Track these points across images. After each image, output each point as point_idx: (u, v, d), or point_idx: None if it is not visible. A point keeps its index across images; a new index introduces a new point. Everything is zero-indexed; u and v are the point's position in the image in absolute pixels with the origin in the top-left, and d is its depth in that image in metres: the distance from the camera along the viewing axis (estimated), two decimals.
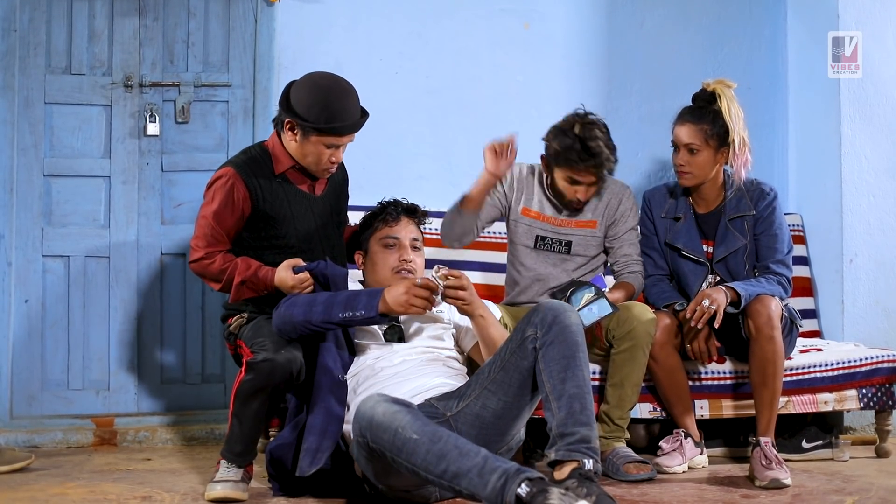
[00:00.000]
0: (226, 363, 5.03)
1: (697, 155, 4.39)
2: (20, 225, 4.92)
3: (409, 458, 3.29)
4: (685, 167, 4.41)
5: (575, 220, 4.52)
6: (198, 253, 4.00)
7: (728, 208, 4.45)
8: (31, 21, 4.92)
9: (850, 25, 5.14)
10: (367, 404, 3.40)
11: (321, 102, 3.94)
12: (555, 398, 3.46)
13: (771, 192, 4.47)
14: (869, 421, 5.01)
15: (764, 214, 4.43)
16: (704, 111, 4.40)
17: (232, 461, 3.84)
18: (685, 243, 4.47)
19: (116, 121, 5.00)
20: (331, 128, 3.95)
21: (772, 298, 4.23)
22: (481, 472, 3.18)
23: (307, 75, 4.05)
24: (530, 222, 4.54)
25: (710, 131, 4.37)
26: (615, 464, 4.17)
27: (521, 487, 3.10)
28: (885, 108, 5.16)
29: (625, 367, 4.25)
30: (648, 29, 5.49)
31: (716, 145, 4.38)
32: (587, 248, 4.55)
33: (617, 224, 4.53)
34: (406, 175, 5.20)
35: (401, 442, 3.29)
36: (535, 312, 3.58)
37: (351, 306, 3.71)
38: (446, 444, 3.26)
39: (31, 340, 4.92)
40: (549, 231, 4.53)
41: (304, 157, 4.04)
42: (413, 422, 3.32)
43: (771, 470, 4.03)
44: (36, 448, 4.71)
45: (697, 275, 4.46)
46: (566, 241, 4.52)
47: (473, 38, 5.30)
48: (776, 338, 4.18)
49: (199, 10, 5.08)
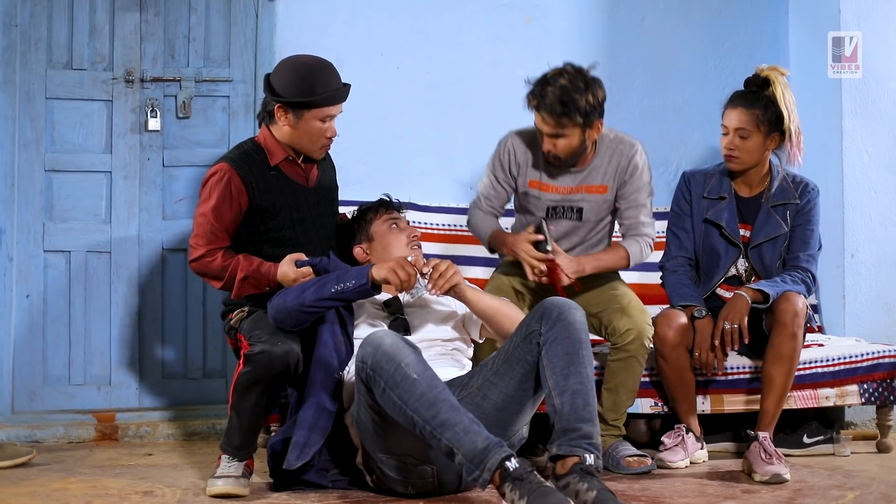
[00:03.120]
0: (227, 358, 5.04)
1: (748, 140, 4.35)
2: (21, 220, 4.92)
3: (403, 396, 3.34)
4: (734, 151, 4.37)
5: (586, 185, 4.38)
6: (198, 251, 4.00)
7: (772, 194, 4.43)
8: (32, 16, 4.92)
9: (850, 25, 5.14)
10: (378, 334, 3.47)
11: (305, 78, 3.99)
12: (557, 394, 3.46)
13: (815, 188, 4.46)
14: (870, 416, 5.00)
15: (806, 208, 4.42)
16: (757, 96, 4.36)
17: (232, 455, 3.84)
18: (727, 222, 4.43)
19: (117, 116, 5.00)
20: (321, 98, 3.99)
21: (798, 296, 4.21)
22: (467, 430, 3.27)
23: (282, 61, 4.11)
24: (539, 194, 4.41)
25: (762, 117, 4.32)
26: (615, 457, 4.18)
27: (511, 461, 3.19)
28: (886, 104, 5.16)
29: (620, 374, 4.25)
30: (649, 24, 5.49)
31: (766, 131, 4.34)
32: (598, 212, 4.42)
33: (626, 184, 4.38)
34: (407, 170, 5.21)
35: (400, 377, 3.35)
36: (539, 308, 3.59)
37: (342, 280, 3.74)
38: (441, 394, 3.34)
39: (32, 336, 4.93)
40: (559, 200, 4.40)
41: (301, 139, 4.06)
42: (416, 363, 3.39)
43: (771, 465, 4.03)
44: (37, 443, 4.71)
45: (730, 256, 4.44)
46: (577, 209, 4.41)
47: (475, 33, 5.30)
48: (799, 336, 4.18)
49: (200, 5, 5.09)
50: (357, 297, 3.79)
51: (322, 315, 3.83)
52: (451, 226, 5.05)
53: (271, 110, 4.06)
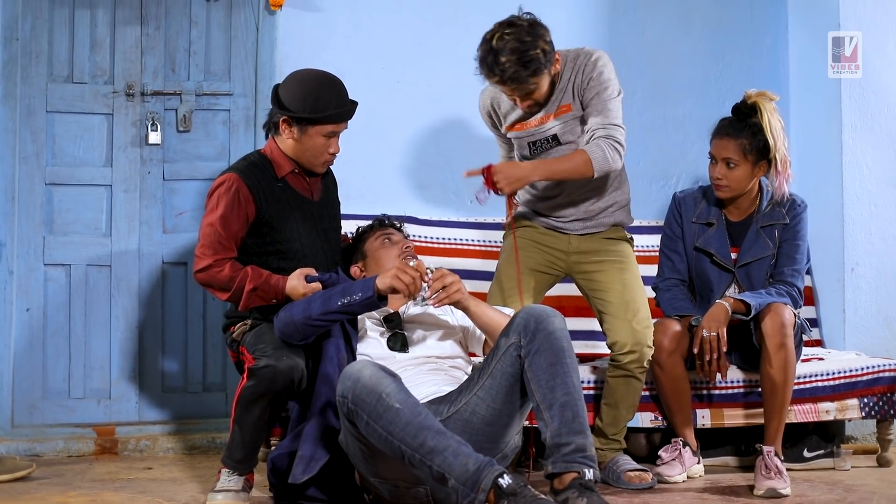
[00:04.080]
0: (227, 372, 5.03)
1: (735, 169, 4.34)
2: (22, 233, 4.92)
3: (388, 427, 3.33)
4: (722, 181, 4.37)
5: (553, 111, 4.25)
6: (205, 261, 3.99)
7: (761, 216, 4.43)
8: (33, 30, 4.93)
9: (850, 25, 5.14)
10: (355, 367, 3.45)
11: (313, 94, 4.00)
12: (546, 407, 3.45)
13: (802, 203, 4.45)
14: (870, 430, 4.99)
15: (792, 223, 4.42)
16: (743, 125, 4.34)
17: (233, 469, 3.84)
18: (717, 249, 4.44)
19: (118, 129, 5.01)
20: (327, 115, 4.00)
21: (785, 307, 4.21)
22: (456, 453, 3.26)
23: (292, 74, 4.11)
24: (517, 134, 4.34)
25: (749, 146, 4.31)
26: (616, 472, 4.18)
27: (504, 479, 3.19)
28: (886, 117, 5.16)
29: (619, 390, 4.25)
30: (650, 37, 5.49)
31: (754, 160, 4.33)
32: (573, 131, 4.27)
33: (585, 91, 4.21)
34: (407, 183, 5.21)
35: (383, 408, 3.34)
36: (517, 319, 3.58)
37: (348, 292, 3.73)
38: (426, 420, 3.33)
39: (32, 349, 4.93)
40: (535, 134, 4.30)
41: (304, 153, 4.07)
42: (397, 391, 3.37)
43: (770, 479, 4.02)
44: (37, 457, 4.71)
45: (723, 281, 4.44)
46: (552, 135, 4.29)
47: (474, 47, 5.25)
48: (788, 346, 4.17)
49: (200, 19, 5.10)
50: (363, 309, 3.78)
51: (328, 329, 3.83)
52: (452, 239, 5.05)
53: (277, 122, 4.07)
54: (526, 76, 4.05)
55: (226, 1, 5.12)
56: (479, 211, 5.10)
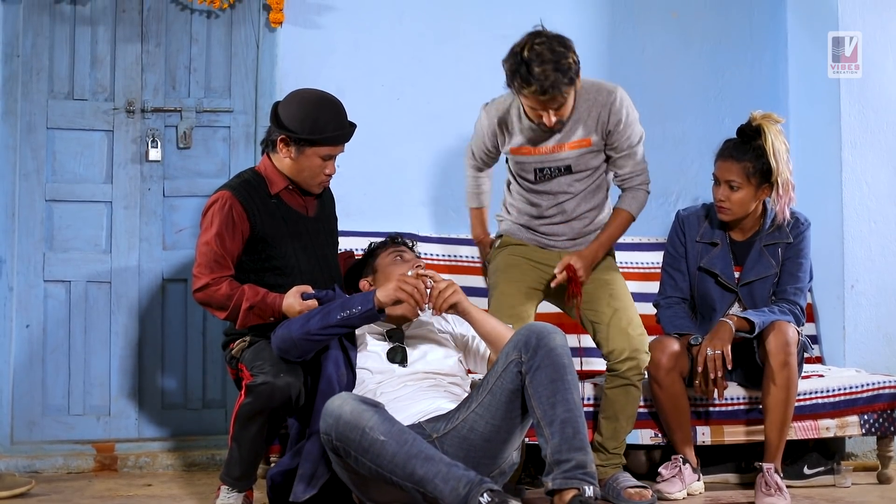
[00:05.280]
0: (227, 388, 5.03)
1: (738, 192, 4.31)
2: (22, 250, 4.93)
3: (375, 460, 3.34)
4: (725, 203, 4.34)
5: (568, 141, 4.28)
6: (202, 280, 3.99)
7: (764, 235, 4.42)
8: (33, 46, 4.94)
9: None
10: (335, 403, 3.45)
11: (312, 115, 4.00)
12: (546, 424, 3.45)
13: (806, 221, 4.43)
14: (871, 447, 4.98)
15: (795, 242, 4.40)
16: (747, 147, 4.31)
17: (231, 486, 3.84)
18: (722, 269, 4.43)
19: (118, 146, 5.01)
20: (325, 138, 4.00)
21: (789, 325, 4.20)
22: (446, 478, 3.28)
23: (292, 93, 4.11)
24: (524, 159, 4.35)
25: (753, 169, 4.28)
26: (616, 489, 4.16)
27: (483, 497, 3.20)
28: (886, 135, 5.16)
29: (618, 401, 4.24)
30: (650, 54, 5.50)
31: (757, 182, 4.30)
32: (587, 163, 4.32)
33: (612, 134, 4.27)
34: (407, 200, 5.21)
35: (368, 443, 3.35)
36: (518, 336, 3.58)
37: (347, 306, 3.74)
38: (412, 448, 3.33)
39: (32, 365, 4.92)
40: (546, 161, 4.31)
41: (300, 173, 4.07)
42: (381, 423, 3.37)
43: (770, 496, 4.02)
44: (36, 473, 4.70)
45: (725, 301, 4.43)
46: (565, 166, 4.32)
47: (475, 64, 5.30)
48: (791, 364, 4.17)
49: (201, 36, 5.11)
50: (362, 322, 3.78)
51: (327, 344, 3.83)
52: (452, 256, 5.05)
53: (274, 140, 4.07)
54: (564, 84, 4.02)
55: (226, 18, 5.13)
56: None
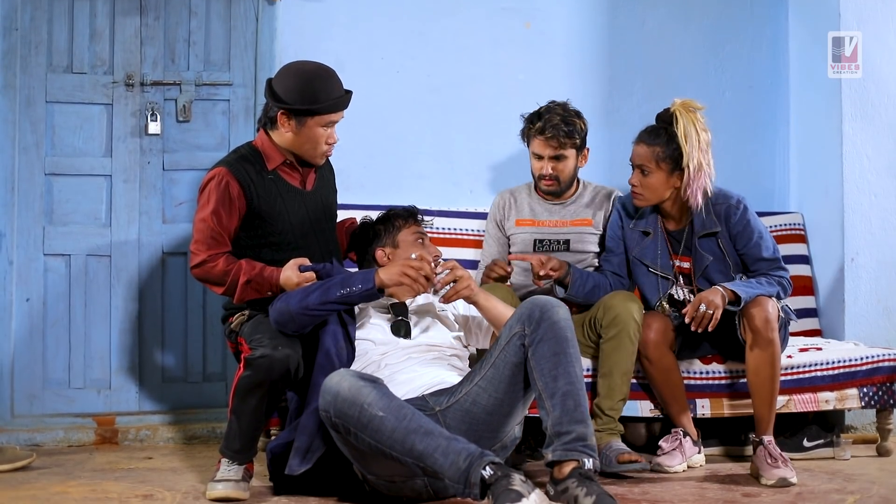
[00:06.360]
0: (227, 362, 5.03)
1: (649, 176, 4.33)
2: (21, 224, 4.92)
3: (374, 436, 3.34)
4: (637, 188, 4.37)
5: (571, 218, 4.64)
6: (200, 256, 3.99)
7: (696, 226, 4.40)
8: (32, 20, 4.92)
9: (850, 25, 5.14)
10: (333, 379, 3.45)
11: (309, 86, 4.00)
12: (548, 396, 3.46)
13: (739, 203, 4.37)
14: (870, 420, 5.00)
15: (738, 229, 4.35)
16: (660, 132, 4.35)
17: (231, 459, 3.84)
18: (653, 259, 4.45)
19: (118, 119, 5.00)
20: (325, 106, 4.00)
21: (769, 300, 4.20)
22: (445, 452, 3.27)
23: (284, 67, 4.11)
24: (525, 230, 4.66)
25: (663, 154, 4.31)
26: (609, 457, 4.15)
27: (486, 470, 3.19)
28: (886, 107, 5.15)
29: (613, 355, 4.25)
30: (650, 28, 5.49)
31: (668, 168, 4.31)
32: (585, 244, 4.64)
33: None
34: (407, 174, 5.21)
35: (366, 419, 3.34)
36: (521, 309, 3.59)
37: (348, 284, 3.75)
38: (411, 423, 3.33)
39: (32, 339, 4.93)
40: (546, 233, 4.63)
41: (303, 145, 4.07)
42: (379, 398, 3.37)
43: (778, 468, 4.03)
44: (37, 447, 4.71)
45: (663, 286, 4.45)
46: (564, 240, 4.62)
47: (475, 37, 5.30)
48: (774, 340, 4.17)
49: (200, 9, 5.09)
50: (362, 300, 3.79)
51: (324, 319, 3.83)
52: (451, 229, 5.04)
53: (273, 116, 4.06)
54: (565, 132, 4.54)
55: None
56: (477, 201, 5.12)
